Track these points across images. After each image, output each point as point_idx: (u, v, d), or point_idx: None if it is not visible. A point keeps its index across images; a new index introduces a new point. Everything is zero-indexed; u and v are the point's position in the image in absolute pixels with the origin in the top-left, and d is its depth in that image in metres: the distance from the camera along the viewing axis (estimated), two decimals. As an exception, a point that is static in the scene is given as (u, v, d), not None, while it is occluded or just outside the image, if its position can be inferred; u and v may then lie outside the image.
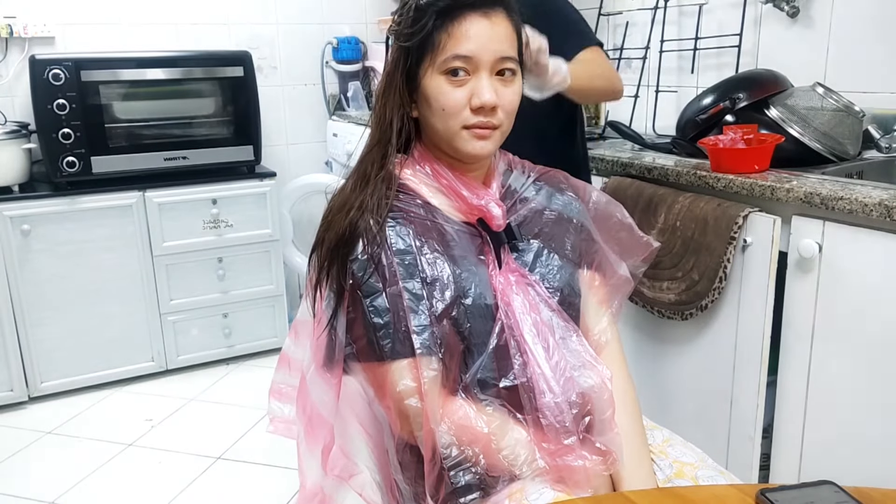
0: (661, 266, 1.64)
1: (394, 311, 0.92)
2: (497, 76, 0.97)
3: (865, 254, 1.32)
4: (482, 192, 1.02)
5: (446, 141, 0.99)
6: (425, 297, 0.93)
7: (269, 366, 2.87)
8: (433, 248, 0.96)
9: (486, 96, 0.95)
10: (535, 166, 1.14)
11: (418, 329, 0.91)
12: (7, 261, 2.41)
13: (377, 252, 0.94)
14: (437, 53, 0.96)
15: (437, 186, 1.02)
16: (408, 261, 0.94)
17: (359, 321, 0.94)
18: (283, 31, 3.10)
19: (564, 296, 1.02)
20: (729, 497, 0.75)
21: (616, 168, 1.84)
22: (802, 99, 1.65)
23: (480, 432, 0.92)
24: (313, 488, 1.03)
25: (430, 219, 0.99)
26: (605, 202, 1.15)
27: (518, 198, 1.08)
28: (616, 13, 2.44)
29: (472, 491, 0.92)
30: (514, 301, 0.98)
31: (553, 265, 1.03)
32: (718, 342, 1.59)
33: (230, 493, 2.06)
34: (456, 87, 0.96)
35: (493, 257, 1.00)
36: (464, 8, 0.95)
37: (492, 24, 0.96)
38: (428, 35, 0.96)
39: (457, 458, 0.91)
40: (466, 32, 0.95)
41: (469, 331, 0.95)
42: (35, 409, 2.56)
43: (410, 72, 0.99)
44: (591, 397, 0.96)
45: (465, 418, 0.93)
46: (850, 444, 1.39)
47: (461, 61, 0.95)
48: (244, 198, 2.75)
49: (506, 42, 0.97)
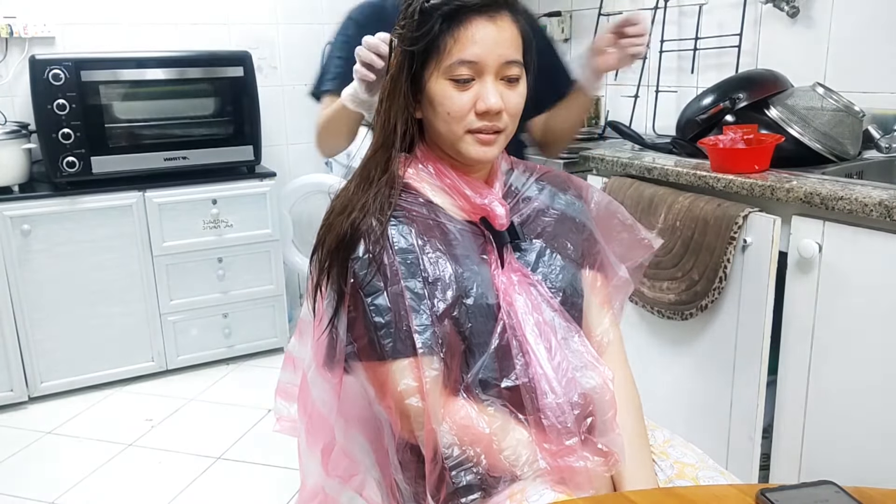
0: (661, 266, 1.64)
1: (395, 311, 0.92)
2: (502, 80, 0.97)
3: (865, 254, 1.32)
4: (485, 192, 1.02)
5: (450, 144, 0.99)
6: (427, 296, 0.93)
7: (269, 366, 2.88)
8: (435, 247, 0.96)
9: (492, 101, 0.95)
10: (537, 166, 1.14)
11: (420, 328, 0.91)
12: (7, 261, 2.41)
13: (379, 251, 0.94)
14: (443, 58, 0.95)
15: (440, 185, 1.02)
16: (410, 260, 0.94)
17: (360, 320, 0.94)
18: (283, 31, 3.10)
19: (567, 296, 1.02)
20: (729, 497, 0.75)
21: (616, 168, 1.84)
22: (802, 99, 1.65)
23: (482, 432, 0.92)
24: (314, 488, 1.03)
25: (433, 218, 0.99)
26: (607, 203, 1.15)
27: (520, 197, 1.08)
28: (616, 13, 2.44)
29: (473, 491, 0.91)
30: (516, 301, 0.98)
31: (556, 265, 1.03)
32: (718, 342, 1.59)
33: (230, 493, 2.06)
34: (461, 91, 0.95)
35: (495, 256, 1.00)
36: (469, 12, 0.94)
37: (497, 29, 0.95)
38: (433, 39, 0.95)
39: (458, 458, 0.91)
40: (472, 37, 0.94)
41: (470, 330, 0.95)
42: (35, 409, 2.56)
43: (415, 76, 0.98)
44: (592, 398, 0.96)
45: (466, 418, 0.93)
46: (850, 444, 1.39)
47: (467, 67, 0.94)
48: (244, 198, 2.75)
49: (511, 46, 0.96)
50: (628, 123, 2.24)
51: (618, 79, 2.50)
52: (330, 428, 1.00)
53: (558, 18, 2.67)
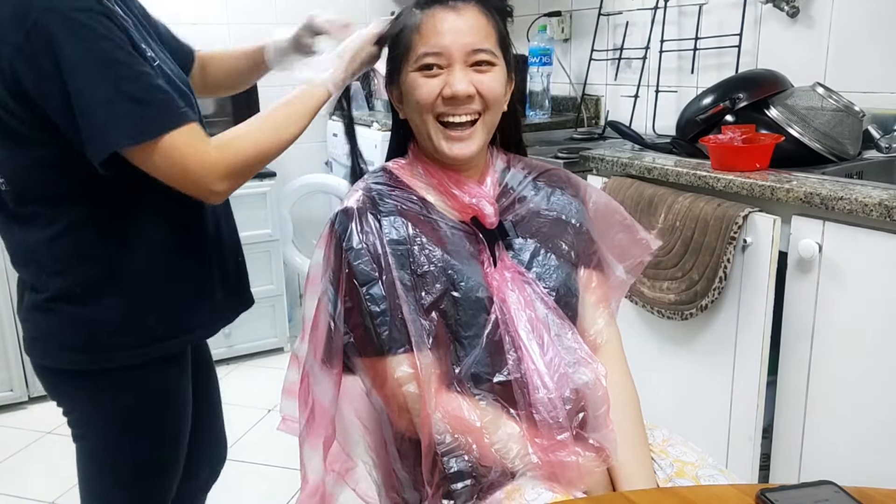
0: (661, 266, 1.64)
1: (390, 300, 0.94)
2: (473, 67, 0.98)
3: (865, 254, 1.32)
4: (474, 191, 1.03)
5: (426, 138, 1.01)
6: (414, 287, 0.95)
7: (269, 366, 2.88)
8: (426, 240, 0.98)
9: (458, 86, 0.96)
10: (536, 164, 1.14)
11: (409, 320, 0.93)
12: (7, 261, 2.40)
13: (372, 241, 0.95)
14: (411, 53, 0.99)
15: (431, 185, 1.04)
16: (400, 251, 0.96)
17: (356, 310, 0.95)
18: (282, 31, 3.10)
19: (561, 295, 1.03)
20: (729, 497, 0.75)
21: (616, 168, 1.84)
22: (802, 99, 1.65)
23: (473, 425, 0.93)
24: (315, 483, 1.03)
25: (425, 213, 1.01)
26: (605, 202, 1.15)
27: (516, 196, 1.08)
28: (616, 13, 2.44)
29: (464, 478, 0.92)
30: (509, 297, 0.98)
31: (550, 265, 1.04)
32: (718, 342, 1.59)
33: (230, 493, 2.06)
34: (429, 79, 0.98)
35: (487, 255, 1.01)
36: (433, 5, 0.98)
37: (461, 18, 0.98)
38: (404, 38, 1.00)
39: (450, 445, 0.92)
40: (436, 28, 0.97)
41: (458, 323, 0.96)
42: (35, 409, 2.56)
43: (394, 76, 1.03)
44: (585, 394, 0.97)
45: (458, 409, 0.93)
46: (850, 444, 1.39)
47: (433, 57, 0.97)
48: (244, 198, 2.74)
49: (478, 34, 0.98)
50: (628, 123, 2.24)
51: (618, 79, 2.50)
52: (330, 420, 1.01)
53: (558, 18, 2.67)
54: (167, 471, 1.20)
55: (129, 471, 1.16)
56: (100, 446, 1.16)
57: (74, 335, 1.07)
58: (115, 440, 1.14)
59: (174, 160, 0.97)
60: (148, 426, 1.15)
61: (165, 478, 1.20)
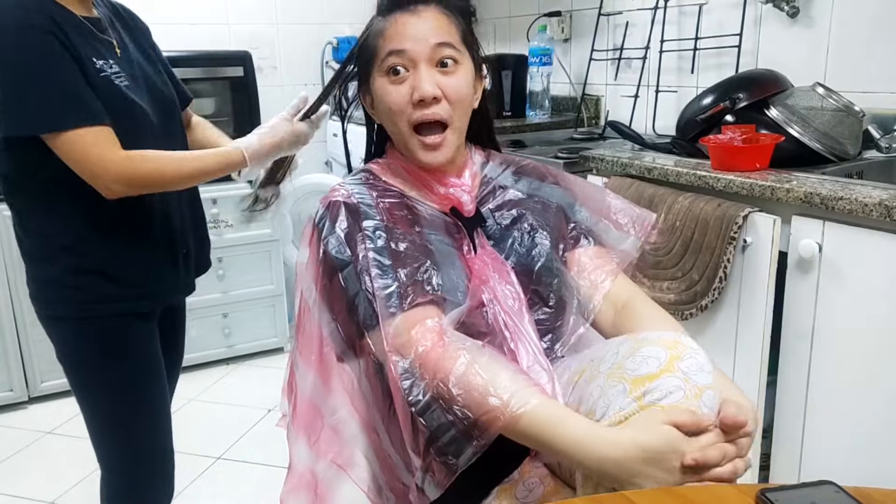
0: (661, 266, 1.64)
1: (366, 279, 0.94)
2: (438, 67, 1.00)
3: (865, 254, 1.32)
4: (451, 182, 1.05)
5: (404, 146, 1.04)
6: (392, 268, 0.95)
7: (269, 366, 2.89)
8: (406, 227, 1.00)
9: (426, 88, 0.98)
10: (515, 158, 1.17)
11: (389, 293, 0.93)
12: (7, 261, 2.41)
13: (349, 229, 0.97)
14: (378, 56, 1.01)
15: (410, 180, 1.07)
16: (379, 236, 0.97)
17: (336, 297, 0.97)
18: (283, 31, 3.11)
19: (540, 277, 1.04)
20: (729, 497, 0.75)
21: (616, 168, 1.84)
22: (802, 99, 1.65)
23: (450, 366, 0.86)
24: (302, 470, 1.04)
25: (405, 204, 1.03)
26: (591, 184, 1.20)
27: (496, 185, 1.11)
28: (616, 13, 2.44)
29: (448, 429, 0.84)
30: (491, 279, 1.00)
31: (530, 248, 1.05)
32: (718, 342, 1.59)
33: (230, 493, 2.06)
34: (398, 84, 1.00)
35: (467, 241, 1.03)
36: (395, 10, 1.01)
37: (422, 20, 1.00)
38: (371, 43, 1.03)
39: (424, 400, 0.86)
40: (398, 30, 1.00)
41: (438, 287, 0.95)
42: (35, 409, 2.56)
43: (365, 83, 1.06)
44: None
45: (440, 357, 0.87)
46: (850, 444, 1.39)
47: (396, 56, 0.99)
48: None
49: (440, 32, 1.00)
50: (628, 123, 2.24)
51: (618, 79, 2.50)
52: (313, 411, 1.02)
53: (558, 18, 2.67)
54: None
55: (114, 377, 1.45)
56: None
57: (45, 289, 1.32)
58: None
59: (76, 153, 1.16)
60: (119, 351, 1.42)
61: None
